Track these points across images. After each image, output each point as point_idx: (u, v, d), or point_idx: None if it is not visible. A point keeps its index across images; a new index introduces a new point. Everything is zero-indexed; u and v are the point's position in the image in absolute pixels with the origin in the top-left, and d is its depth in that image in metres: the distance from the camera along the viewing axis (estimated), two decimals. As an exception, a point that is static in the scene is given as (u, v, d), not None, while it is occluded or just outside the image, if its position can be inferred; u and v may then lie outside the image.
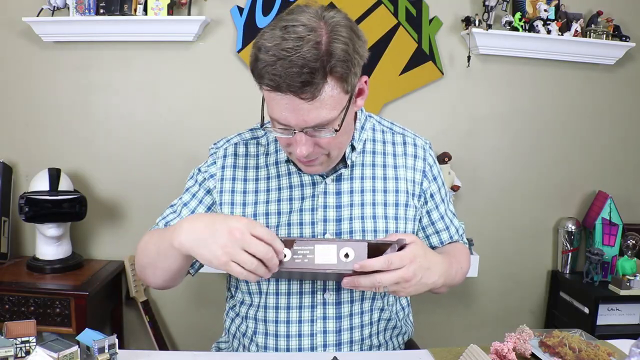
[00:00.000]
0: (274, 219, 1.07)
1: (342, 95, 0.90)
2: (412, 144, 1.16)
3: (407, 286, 0.93)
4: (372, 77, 2.12)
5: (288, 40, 0.84)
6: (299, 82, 0.84)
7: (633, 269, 2.07)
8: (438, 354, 1.05)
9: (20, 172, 2.12)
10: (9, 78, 2.08)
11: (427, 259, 0.96)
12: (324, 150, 0.97)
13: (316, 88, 0.85)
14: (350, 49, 0.88)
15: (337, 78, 0.87)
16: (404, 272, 0.91)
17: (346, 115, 0.93)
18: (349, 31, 0.89)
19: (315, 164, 1.00)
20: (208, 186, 1.12)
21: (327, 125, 0.91)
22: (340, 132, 0.93)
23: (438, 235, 1.19)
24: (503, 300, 2.37)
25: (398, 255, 0.91)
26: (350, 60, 0.88)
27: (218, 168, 1.12)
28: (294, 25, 0.85)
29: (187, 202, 1.13)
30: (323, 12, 0.89)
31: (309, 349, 1.08)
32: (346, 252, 0.92)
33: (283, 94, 0.86)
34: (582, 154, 2.30)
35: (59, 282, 1.86)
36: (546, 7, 2.09)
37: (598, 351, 1.01)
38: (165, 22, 1.98)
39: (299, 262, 0.92)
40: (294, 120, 0.89)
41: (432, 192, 1.15)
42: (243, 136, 1.16)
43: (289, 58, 0.83)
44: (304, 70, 0.83)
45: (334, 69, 0.86)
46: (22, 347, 0.91)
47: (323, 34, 0.86)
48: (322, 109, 0.88)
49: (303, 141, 0.92)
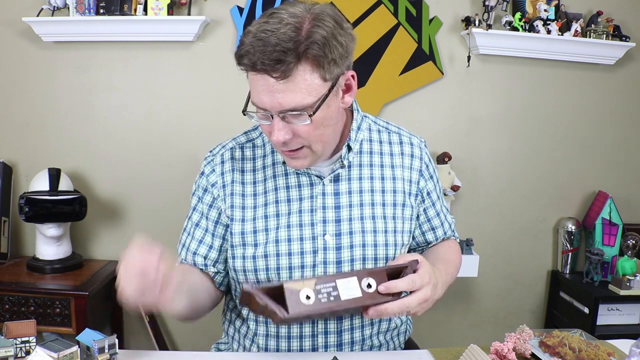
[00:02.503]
0: (273, 221, 1.07)
1: (319, 81, 0.90)
2: (408, 143, 1.16)
3: (425, 306, 0.96)
4: (372, 77, 2.13)
5: (270, 23, 0.87)
6: (270, 60, 0.86)
7: (633, 269, 2.07)
8: (438, 354, 1.05)
9: (20, 172, 2.12)
10: (9, 78, 2.08)
11: (435, 276, 0.99)
12: (304, 141, 0.96)
13: (287, 67, 0.86)
14: (329, 35, 0.89)
15: (311, 61, 0.88)
16: (424, 293, 0.94)
17: (324, 104, 0.92)
18: (332, 21, 0.90)
19: (298, 157, 0.99)
20: (210, 199, 1.11)
21: (302, 110, 0.91)
22: (319, 123, 0.93)
23: (434, 231, 1.21)
24: (503, 300, 2.37)
25: (419, 275, 0.94)
26: (327, 45, 0.88)
27: (218, 175, 1.11)
28: (280, 13, 0.89)
29: (198, 222, 1.13)
30: (312, 7, 0.92)
31: (310, 349, 1.08)
32: (368, 283, 0.92)
33: (258, 74, 0.89)
34: (582, 154, 2.30)
35: (59, 282, 1.86)
36: (546, 7, 2.09)
37: (598, 351, 1.01)
38: (165, 22, 1.98)
39: (325, 301, 0.88)
40: (269, 103, 0.90)
41: (428, 191, 1.16)
42: (238, 140, 1.15)
43: (267, 38, 0.86)
44: (277, 48, 0.85)
45: (308, 50, 0.87)
46: (22, 347, 0.91)
47: (306, 21, 0.88)
48: (297, 93, 0.89)
49: (280, 126, 0.93)
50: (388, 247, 1.08)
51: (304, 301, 0.86)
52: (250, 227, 1.07)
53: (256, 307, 0.89)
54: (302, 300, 0.86)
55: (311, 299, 0.87)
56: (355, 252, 1.06)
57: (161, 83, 2.10)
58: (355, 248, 1.06)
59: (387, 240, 1.08)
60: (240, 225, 1.08)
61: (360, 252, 1.06)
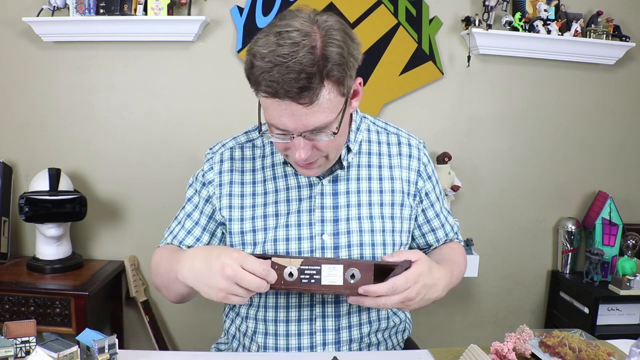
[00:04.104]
0: (272, 220, 1.08)
1: (338, 98, 0.90)
2: (406, 144, 1.17)
3: (410, 304, 0.97)
4: (372, 77, 2.13)
5: (283, 46, 0.84)
6: (297, 88, 0.84)
7: (633, 269, 2.07)
8: (438, 354, 1.05)
9: (20, 172, 2.12)
10: (9, 78, 2.08)
11: (432, 276, 0.98)
12: (322, 153, 0.98)
13: (314, 93, 0.85)
14: (345, 52, 0.88)
15: (333, 82, 0.87)
16: (407, 293, 0.94)
17: (343, 117, 0.94)
18: (343, 34, 0.89)
19: (313, 167, 1.01)
20: (207, 194, 1.13)
21: (325, 128, 0.91)
22: (338, 135, 0.94)
23: (434, 233, 1.20)
24: (503, 300, 2.37)
25: (403, 278, 0.94)
26: (346, 63, 0.88)
27: (215, 174, 1.12)
28: (288, 31, 0.85)
29: (190, 213, 1.15)
30: (315, 17, 0.89)
31: (308, 347, 1.08)
32: (352, 273, 0.94)
33: (281, 100, 0.86)
34: (582, 154, 2.30)
35: (59, 282, 1.86)
36: (546, 7, 2.09)
37: (598, 351, 1.01)
38: (165, 22, 1.98)
39: (306, 282, 0.94)
40: (292, 125, 0.90)
41: (427, 191, 1.17)
42: (238, 140, 1.16)
43: (286, 64, 0.83)
44: (301, 75, 0.83)
45: (331, 73, 0.86)
46: (22, 347, 0.91)
47: (317, 39, 0.86)
48: (320, 113, 0.89)
49: (302, 145, 0.92)
50: (386, 246, 1.09)
51: (286, 277, 0.94)
52: (250, 226, 1.09)
53: None
54: (285, 276, 0.94)
55: (294, 277, 0.94)
56: (353, 252, 1.07)
57: (161, 83, 2.10)
58: (353, 247, 1.07)
59: (384, 239, 1.09)
60: (239, 225, 1.09)
61: (357, 251, 1.07)
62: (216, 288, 0.89)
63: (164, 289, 1.11)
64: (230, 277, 0.87)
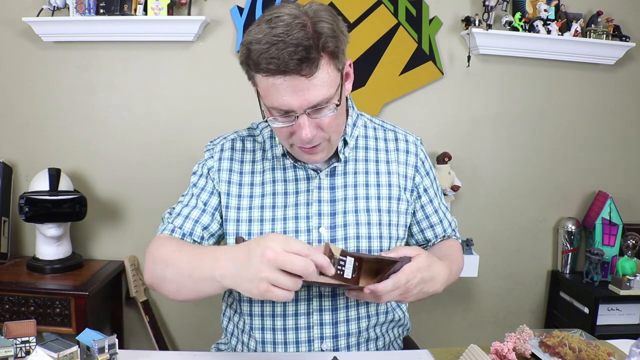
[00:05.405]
0: (269, 212, 1.09)
1: (335, 72, 0.94)
2: (403, 140, 1.18)
3: (407, 296, 0.98)
4: (372, 77, 2.13)
5: (276, 28, 0.88)
6: (297, 60, 0.87)
7: (633, 269, 2.07)
8: (438, 354, 1.05)
9: (20, 172, 2.12)
10: (9, 78, 2.08)
11: (431, 271, 1.00)
12: (326, 134, 0.99)
13: (313, 64, 0.88)
14: (335, 27, 0.92)
15: (329, 54, 0.91)
16: (406, 287, 0.96)
17: (342, 93, 0.97)
18: (330, 13, 0.94)
19: (317, 151, 1.02)
20: (211, 184, 1.14)
21: (327, 103, 0.94)
22: (339, 112, 0.97)
23: (432, 229, 1.21)
24: (503, 300, 2.37)
25: (404, 274, 0.94)
26: (338, 37, 0.92)
27: (215, 161, 1.14)
28: (279, 16, 0.89)
29: (199, 194, 1.12)
30: (303, 6, 0.93)
31: (306, 341, 1.08)
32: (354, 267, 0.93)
33: (282, 76, 0.89)
34: (582, 154, 2.30)
35: (59, 282, 1.86)
36: (546, 7, 2.09)
37: (598, 351, 1.01)
38: (165, 22, 1.98)
39: (340, 274, 0.91)
40: (296, 102, 0.91)
41: (425, 187, 1.18)
42: (240, 133, 1.19)
43: (282, 41, 0.87)
44: (299, 48, 0.87)
45: (326, 44, 0.90)
46: (22, 347, 0.91)
47: (307, 20, 0.90)
48: (322, 87, 0.91)
49: (307, 123, 0.94)
50: (382, 239, 1.10)
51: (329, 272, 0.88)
52: (246, 216, 1.09)
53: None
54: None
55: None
56: (350, 244, 1.08)
57: (161, 83, 2.10)
58: (350, 240, 1.08)
59: (381, 232, 1.10)
60: (236, 213, 1.10)
61: (354, 244, 1.08)
62: (257, 279, 0.80)
63: (173, 284, 0.97)
64: (271, 260, 0.80)
